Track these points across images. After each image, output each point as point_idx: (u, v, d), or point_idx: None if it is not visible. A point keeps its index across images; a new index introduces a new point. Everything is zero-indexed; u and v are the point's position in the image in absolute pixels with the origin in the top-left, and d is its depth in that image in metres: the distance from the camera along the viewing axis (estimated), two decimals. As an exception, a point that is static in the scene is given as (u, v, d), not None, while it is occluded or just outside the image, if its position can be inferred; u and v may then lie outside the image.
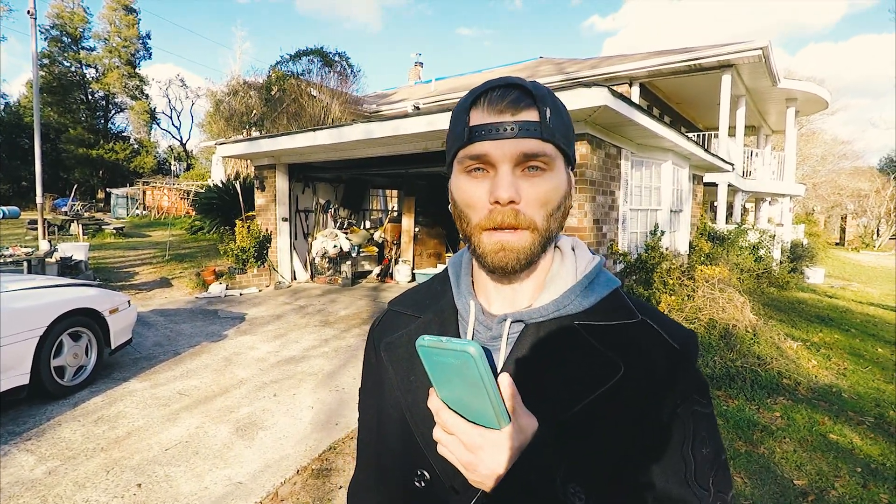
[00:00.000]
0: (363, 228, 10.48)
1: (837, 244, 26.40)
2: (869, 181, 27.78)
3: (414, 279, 8.96)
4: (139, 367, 4.26)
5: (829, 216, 29.33)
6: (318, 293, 7.81)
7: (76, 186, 22.24)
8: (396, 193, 12.03)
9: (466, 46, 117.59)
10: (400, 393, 0.63)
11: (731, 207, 12.53)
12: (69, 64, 29.11)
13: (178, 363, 4.38)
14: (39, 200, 8.92)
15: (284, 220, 8.54)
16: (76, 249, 7.88)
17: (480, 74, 16.80)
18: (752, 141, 17.67)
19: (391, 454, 0.64)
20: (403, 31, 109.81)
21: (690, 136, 7.42)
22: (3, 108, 29.82)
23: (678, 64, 10.44)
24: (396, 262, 9.35)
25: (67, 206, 16.93)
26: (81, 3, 29.11)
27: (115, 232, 13.81)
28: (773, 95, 12.28)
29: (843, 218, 29.09)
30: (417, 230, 9.58)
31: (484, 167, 0.55)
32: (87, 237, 12.62)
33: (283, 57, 13.85)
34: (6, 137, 27.61)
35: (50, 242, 8.19)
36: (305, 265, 8.98)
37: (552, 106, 0.55)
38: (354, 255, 8.89)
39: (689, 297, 5.18)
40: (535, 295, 0.60)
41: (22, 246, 8.13)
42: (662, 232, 6.14)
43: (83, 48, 29.83)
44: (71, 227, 13.41)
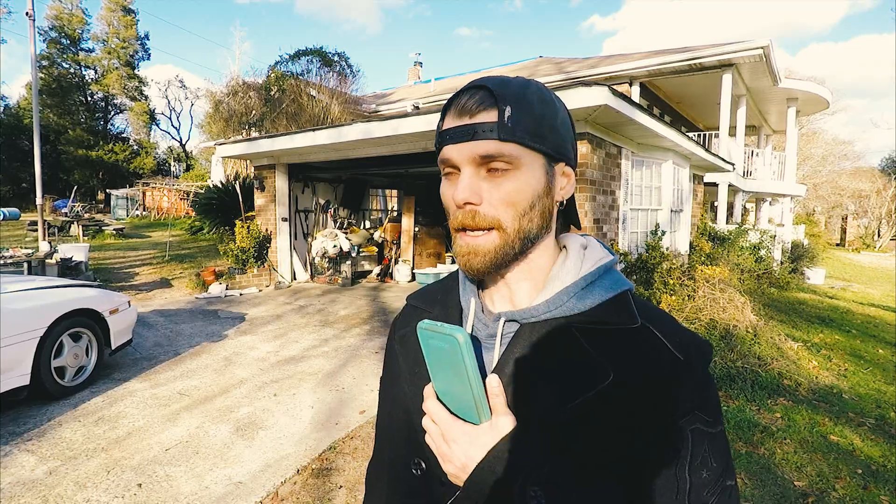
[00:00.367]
0: (363, 228, 10.46)
1: (838, 245, 26.38)
2: (870, 182, 27.72)
3: (413, 279, 8.96)
4: (139, 367, 4.26)
5: (829, 217, 29.29)
6: (317, 293, 7.81)
7: (76, 188, 22.23)
8: (396, 193, 12.02)
9: (466, 47, 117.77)
10: (406, 383, 0.66)
11: (731, 207, 12.52)
12: (68, 65, 29.07)
13: (178, 363, 4.38)
14: (39, 202, 8.94)
15: (284, 220, 8.54)
16: (76, 250, 7.87)
17: (479, 74, 16.78)
18: (752, 141, 17.65)
19: (397, 441, 0.67)
20: (403, 32, 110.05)
21: (691, 135, 7.40)
22: (2, 109, 29.77)
23: (679, 63, 10.41)
24: (396, 261, 9.35)
25: (67, 207, 16.93)
26: (80, 4, 29.12)
27: (114, 233, 13.82)
28: (773, 95, 12.25)
29: (843, 218, 29.07)
30: (417, 230, 9.58)
31: (452, 171, 0.57)
32: (87, 238, 12.63)
33: (282, 57, 13.78)
34: (6, 139, 27.57)
35: (50, 244, 8.18)
36: (305, 265, 8.98)
37: (518, 104, 0.54)
38: (354, 254, 8.89)
39: (689, 297, 5.18)
40: (533, 295, 0.60)
41: (22, 247, 8.14)
42: (663, 232, 6.14)
43: (82, 49, 29.82)
44: (71, 228, 13.42)
